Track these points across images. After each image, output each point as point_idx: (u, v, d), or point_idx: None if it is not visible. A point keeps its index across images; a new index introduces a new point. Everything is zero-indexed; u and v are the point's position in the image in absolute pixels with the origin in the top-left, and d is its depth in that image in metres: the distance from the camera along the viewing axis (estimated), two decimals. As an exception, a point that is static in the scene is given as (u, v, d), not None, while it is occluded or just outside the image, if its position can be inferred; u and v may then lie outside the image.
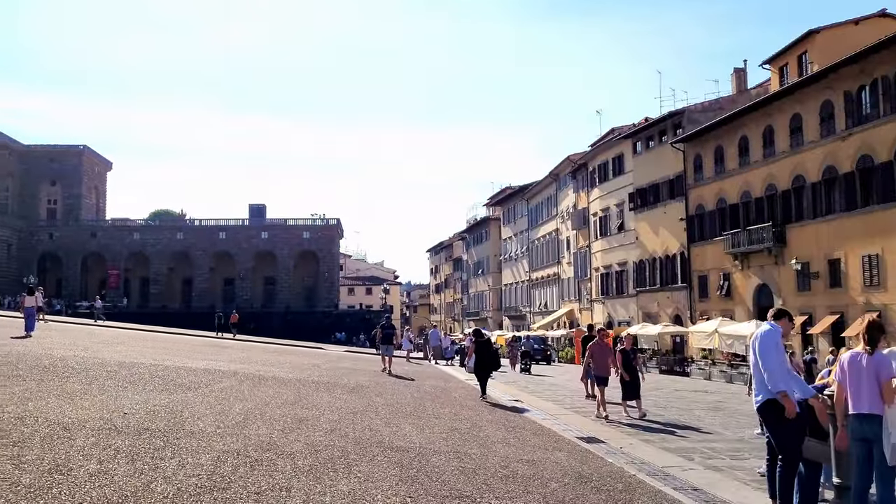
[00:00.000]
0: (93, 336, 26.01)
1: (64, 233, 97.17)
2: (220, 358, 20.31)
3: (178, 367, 15.40)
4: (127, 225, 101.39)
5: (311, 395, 12.92)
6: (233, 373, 15.63)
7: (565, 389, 21.17)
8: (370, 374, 21.18)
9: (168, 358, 18.04)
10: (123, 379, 11.97)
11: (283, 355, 26.20)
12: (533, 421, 12.03)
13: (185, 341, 29.02)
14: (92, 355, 16.42)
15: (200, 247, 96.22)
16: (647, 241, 48.61)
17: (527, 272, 75.08)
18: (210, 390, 11.75)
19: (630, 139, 51.35)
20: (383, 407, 12.06)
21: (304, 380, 15.98)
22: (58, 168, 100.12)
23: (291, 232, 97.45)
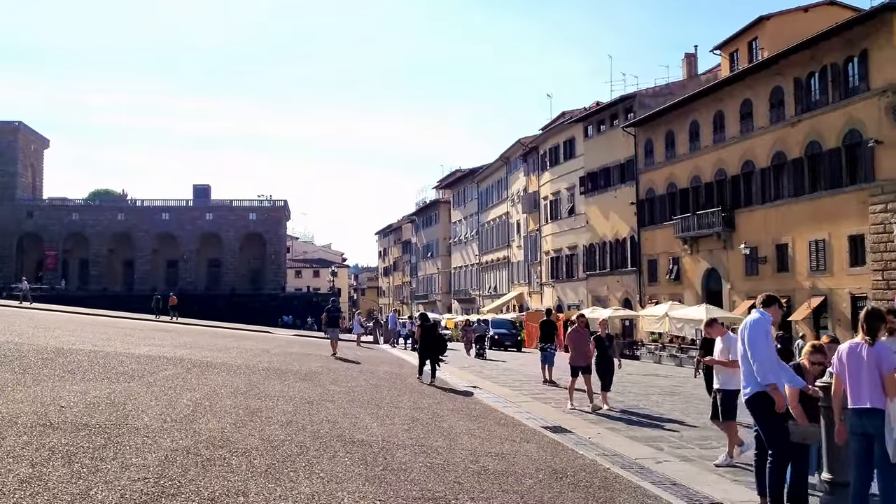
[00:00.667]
0: (29, 320, 24.83)
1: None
2: (163, 343, 19.48)
3: (119, 354, 14.61)
4: (65, 205, 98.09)
5: (263, 383, 12.34)
6: (178, 359, 14.91)
7: (520, 375, 20.94)
8: (321, 359, 20.59)
9: (108, 344, 17.18)
10: (60, 367, 11.21)
11: (230, 339, 25.39)
12: (495, 409, 11.67)
13: (126, 325, 27.92)
14: (27, 341, 15.51)
15: (142, 228, 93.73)
16: (598, 224, 48.79)
17: (476, 255, 74.96)
18: (154, 379, 11.08)
19: (581, 123, 51.34)
20: (339, 395, 11.56)
21: (253, 366, 15.34)
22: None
23: (237, 213, 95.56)
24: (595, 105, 51.77)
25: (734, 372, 8.42)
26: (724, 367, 8.53)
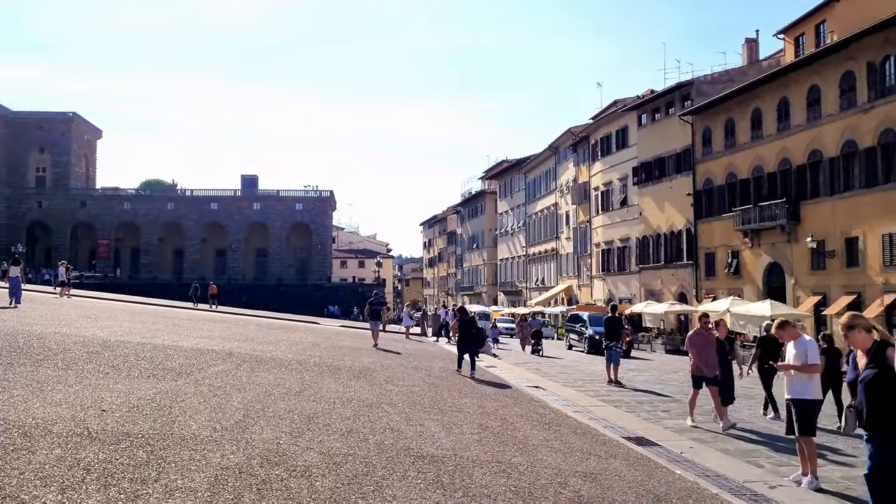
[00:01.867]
0: (80, 309, 24.60)
1: (53, 201, 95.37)
2: (213, 335, 18.95)
3: (167, 347, 14.04)
4: (117, 194, 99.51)
5: (317, 381, 11.61)
6: (228, 354, 14.29)
7: (581, 373, 19.95)
8: (372, 353, 19.91)
9: (157, 335, 16.67)
10: (106, 362, 10.60)
11: (279, 332, 24.85)
12: (566, 415, 10.76)
13: (173, 315, 27.61)
14: (75, 332, 15.04)
15: (192, 217, 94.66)
16: (652, 216, 47.32)
17: (523, 247, 73.82)
18: (203, 376, 10.41)
19: (635, 111, 49.84)
20: (398, 397, 10.76)
21: (305, 362, 14.66)
22: (46, 135, 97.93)
23: (284, 203, 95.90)
24: (649, 93, 50.18)
25: (810, 378, 7.65)
26: (798, 373, 7.52)
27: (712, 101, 40.28)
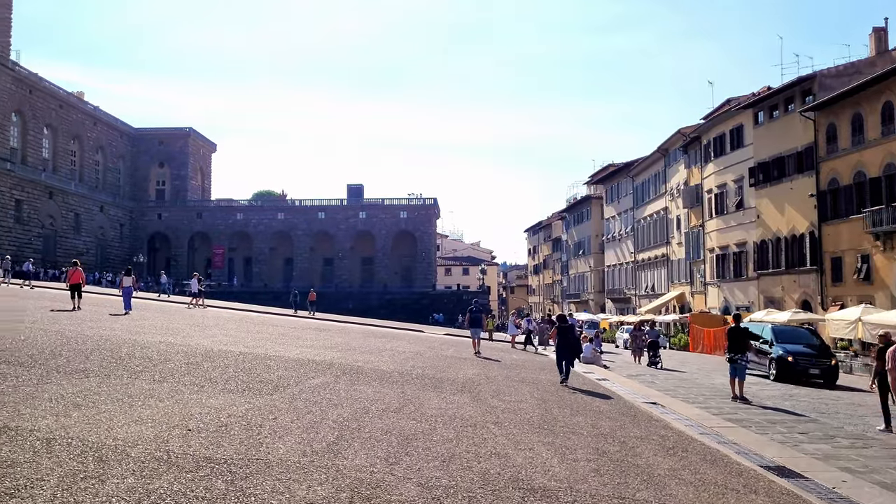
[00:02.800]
0: (190, 318, 25.05)
1: (172, 213, 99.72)
2: (315, 344, 18.71)
3: (268, 358, 13.76)
4: (231, 205, 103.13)
5: (418, 395, 10.97)
6: (328, 364, 13.88)
7: (700, 387, 18.55)
8: (477, 364, 19.18)
9: (260, 345, 16.51)
10: (203, 375, 10.30)
11: (382, 340, 24.52)
12: (692, 438, 9.67)
13: (280, 323, 27.76)
14: (180, 341, 15.03)
15: (301, 227, 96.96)
16: (770, 219, 44.62)
17: (632, 253, 71.52)
18: (300, 390, 9.93)
19: (751, 109, 47.20)
20: (505, 415, 9.96)
21: (407, 373, 14.07)
22: (165, 150, 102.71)
23: (389, 212, 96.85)
24: (766, 90, 47.43)
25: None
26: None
27: (837, 96, 37.54)
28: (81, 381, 8.46)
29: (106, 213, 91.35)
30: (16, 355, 10.01)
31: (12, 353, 10.15)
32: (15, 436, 5.60)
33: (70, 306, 22.34)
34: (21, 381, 8.03)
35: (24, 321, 15.63)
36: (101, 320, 18.93)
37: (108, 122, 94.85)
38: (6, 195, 70.95)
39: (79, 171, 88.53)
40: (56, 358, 10.23)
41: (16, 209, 72.83)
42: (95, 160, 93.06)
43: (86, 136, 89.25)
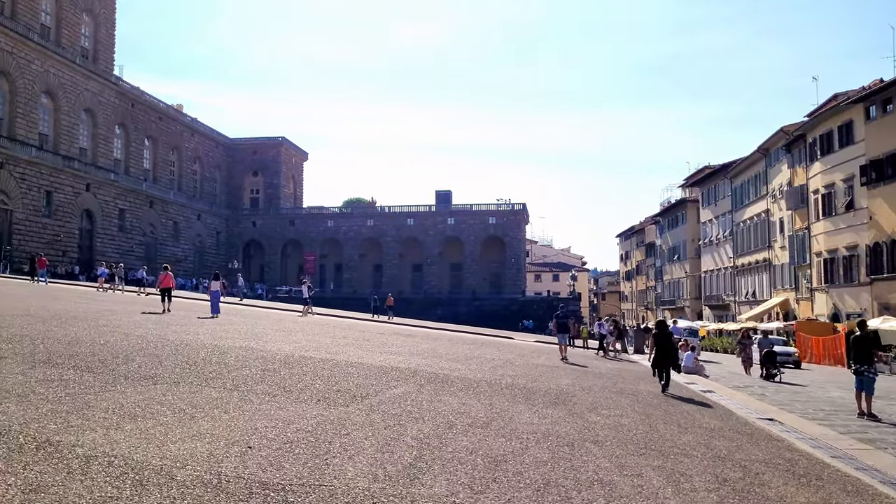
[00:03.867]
0: (278, 322, 24.84)
1: (265, 220, 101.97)
2: (401, 350, 18.01)
3: (349, 364, 13.10)
4: (322, 212, 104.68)
5: (508, 408, 10.03)
6: (412, 372, 13.11)
7: (818, 401, 16.87)
8: (570, 372, 18.08)
9: (342, 350, 15.92)
10: (278, 383, 9.66)
11: (470, 347, 23.67)
12: (823, 462, 8.38)
13: (366, 328, 27.30)
14: (261, 346, 14.56)
15: (389, 233, 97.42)
16: (885, 220, 41.53)
17: (730, 258, 68.44)
18: (379, 401, 9.16)
19: (861, 104, 44.14)
20: (605, 432, 8.91)
21: (495, 382, 13.15)
22: (259, 159, 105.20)
23: (477, 217, 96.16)
24: (878, 82, 44.32)
25: None
26: None
27: (962, 85, 34.60)
28: (147, 389, 7.91)
29: (203, 221, 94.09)
30: (88, 360, 9.62)
31: (85, 358, 9.77)
32: (53, 452, 5.00)
33: (160, 309, 22.81)
34: (83, 388, 7.53)
35: (109, 325, 15.51)
36: (187, 324, 18.78)
37: (205, 133, 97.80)
38: (111, 204, 73.78)
39: (177, 180, 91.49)
40: (128, 363, 9.80)
41: (119, 218, 75.66)
42: (193, 170, 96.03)
43: (184, 146, 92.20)
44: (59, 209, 65.45)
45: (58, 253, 64.47)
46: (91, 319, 16.62)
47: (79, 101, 70.28)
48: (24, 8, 62.85)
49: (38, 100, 64.91)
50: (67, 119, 68.81)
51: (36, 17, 64.77)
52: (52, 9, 67.59)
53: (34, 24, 64.19)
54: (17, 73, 61.51)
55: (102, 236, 72.53)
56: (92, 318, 16.86)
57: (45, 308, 18.69)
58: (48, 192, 64.09)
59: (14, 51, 61.00)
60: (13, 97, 61.82)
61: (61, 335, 12.43)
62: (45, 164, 63.39)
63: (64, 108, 68.09)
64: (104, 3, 74.58)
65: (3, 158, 58.29)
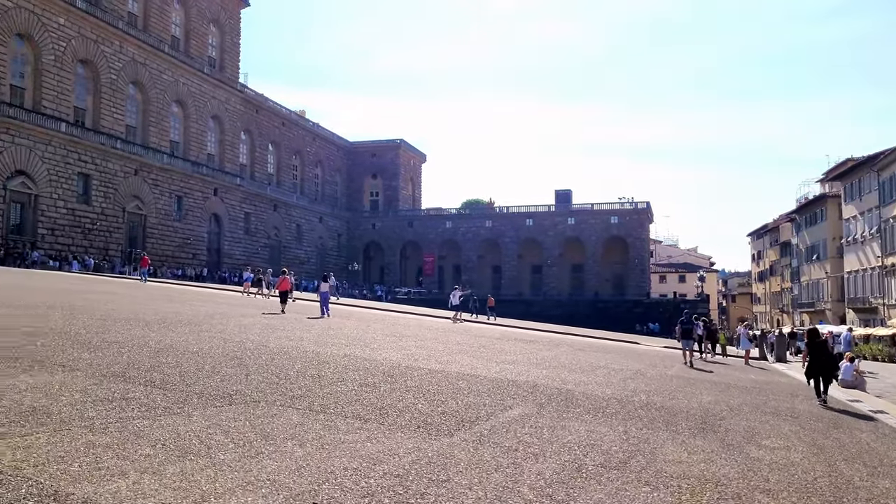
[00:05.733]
0: (391, 326, 23.83)
1: (385, 222, 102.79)
2: (518, 359, 16.46)
3: (461, 377, 11.68)
4: (440, 214, 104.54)
5: (647, 437, 8.31)
6: (531, 387, 11.54)
7: None
8: (712, 387, 15.97)
9: (454, 359, 14.54)
10: (374, 403, 8.34)
11: (594, 354, 21.81)
12: None
13: (481, 332, 25.86)
14: (366, 355, 13.39)
15: (508, 234, 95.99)
16: None
17: (878, 257, 62.75)
18: (491, 428, 7.66)
19: None
20: (774, 475, 7.05)
21: (627, 401, 11.39)
22: (378, 162, 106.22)
23: (598, 217, 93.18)
24: None
25: None
26: None
27: None
28: (217, 413, 6.74)
29: (325, 224, 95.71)
30: (166, 373, 8.63)
31: (164, 371, 8.79)
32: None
33: (278, 311, 23.48)
34: (143, 410, 6.44)
35: (213, 330, 14.78)
36: (295, 328, 17.96)
37: (326, 137, 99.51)
38: (237, 208, 75.90)
39: (300, 184, 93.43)
40: (210, 377, 8.74)
41: (245, 221, 77.77)
42: (315, 174, 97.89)
43: (306, 150, 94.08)
44: (188, 213, 67.77)
45: (188, 256, 66.77)
46: (196, 323, 15.99)
47: (207, 109, 72.64)
48: (156, 21, 65.41)
49: (169, 108, 67.43)
50: (196, 126, 71.22)
51: (167, 30, 67.31)
52: (182, 20, 70.11)
53: (165, 36, 66.72)
54: (149, 83, 64.06)
55: (229, 239, 74.70)
56: (198, 322, 16.24)
57: (155, 311, 18.32)
58: (179, 196, 66.44)
59: (147, 62, 63.54)
60: (146, 106, 64.43)
61: (155, 342, 11.65)
62: (175, 170, 65.75)
63: (193, 115, 70.50)
64: (230, 14, 76.90)
65: (137, 165, 60.76)
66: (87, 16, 56.31)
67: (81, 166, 54.68)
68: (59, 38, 53.84)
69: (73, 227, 53.66)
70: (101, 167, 56.64)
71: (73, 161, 53.90)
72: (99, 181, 56.46)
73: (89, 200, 55.55)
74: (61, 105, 54.16)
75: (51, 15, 53.07)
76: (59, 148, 52.50)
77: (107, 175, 57.19)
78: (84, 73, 57.62)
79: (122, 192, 58.74)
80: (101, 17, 57.70)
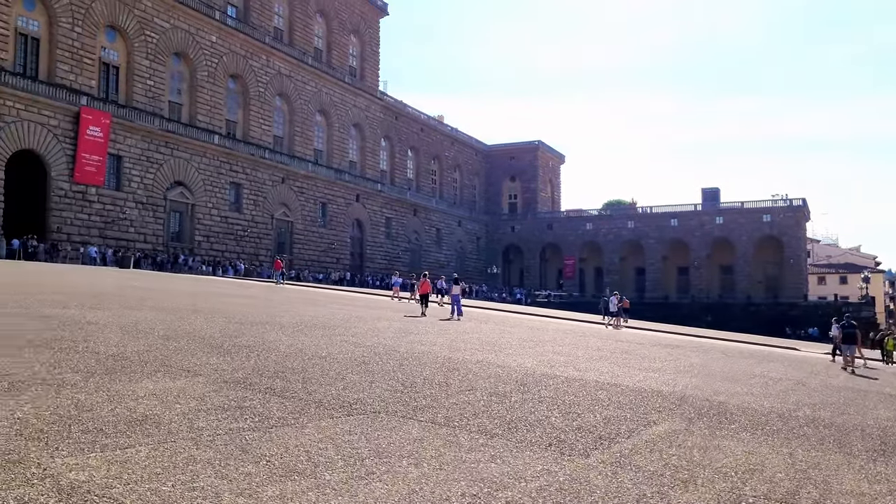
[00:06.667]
0: (533, 332, 23.16)
1: (523, 225, 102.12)
2: (664, 367, 15.33)
3: (601, 386, 10.84)
4: (580, 215, 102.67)
5: (817, 461, 7.18)
6: (679, 398, 10.53)
7: None
8: (884, 398, 14.22)
9: (595, 366, 13.66)
10: (503, 416, 7.70)
11: (748, 361, 20.18)
12: None
13: (629, 338, 24.63)
14: (500, 361, 12.79)
15: (651, 235, 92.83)
16: None
17: None
18: (632, 447, 6.83)
19: None
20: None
21: (789, 415, 10.15)
22: (516, 164, 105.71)
23: (749, 216, 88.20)
24: None
25: None
26: None
27: None
28: (334, 424, 6.32)
29: (463, 227, 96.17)
30: (289, 380, 8.37)
31: (287, 377, 8.54)
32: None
33: (418, 314, 24.48)
34: (257, 421, 6.11)
35: (347, 334, 14.65)
36: (430, 332, 17.65)
37: (464, 141, 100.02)
38: (378, 214, 77.49)
39: (438, 188, 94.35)
40: (333, 384, 8.40)
41: (386, 226, 79.29)
42: (453, 178, 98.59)
43: (444, 155, 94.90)
44: (332, 219, 69.81)
45: (332, 260, 68.77)
46: (332, 327, 15.94)
47: (348, 117, 74.65)
48: (299, 35, 67.88)
49: (313, 118, 69.78)
50: (338, 134, 73.33)
51: (310, 42, 69.72)
52: (324, 32, 72.44)
53: (308, 48, 69.12)
54: (294, 94, 66.54)
55: (371, 244, 76.37)
56: (333, 326, 16.20)
57: (293, 314, 18.53)
58: (323, 203, 68.58)
59: (292, 74, 66.03)
60: (291, 117, 66.97)
61: (286, 346, 11.54)
62: (319, 177, 67.93)
63: (335, 124, 72.64)
64: (369, 23, 78.73)
65: (284, 174, 63.21)
66: (236, 32, 59.18)
67: (233, 176, 57.45)
68: (211, 55, 56.85)
69: (227, 234, 56.43)
70: (251, 176, 59.30)
71: (226, 171, 56.71)
72: (249, 190, 59.13)
73: (240, 208, 58.28)
74: (214, 118, 57.14)
75: (204, 34, 56.10)
76: (212, 159, 55.38)
77: (256, 184, 59.81)
78: (234, 87, 60.59)
79: (270, 199, 61.25)
80: (249, 34, 60.50)
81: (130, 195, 48.76)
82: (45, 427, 5.07)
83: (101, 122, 46.27)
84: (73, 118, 44.97)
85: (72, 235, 44.68)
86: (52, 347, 8.84)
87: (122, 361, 8.41)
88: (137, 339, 10.38)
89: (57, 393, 6.24)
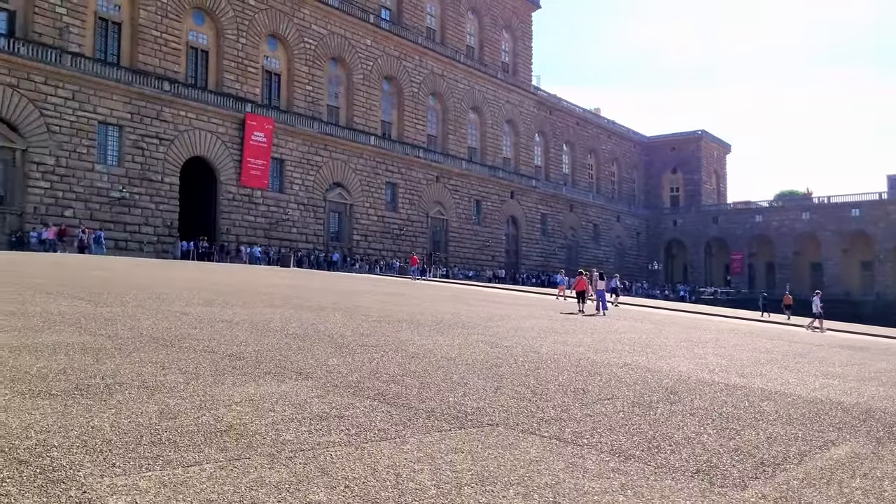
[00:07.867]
0: (687, 330, 21.53)
1: (686, 219, 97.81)
2: (846, 372, 13.40)
3: (766, 395, 9.40)
4: (748, 207, 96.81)
5: None
6: (863, 412, 8.90)
7: None
8: None
9: (762, 371, 12.10)
10: (643, 432, 6.62)
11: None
12: None
13: (803, 339, 22.27)
14: (649, 364, 11.59)
15: (829, 227, 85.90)
16: None
17: None
18: (805, 475, 5.56)
19: None
20: None
21: None
22: (677, 156, 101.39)
23: (946, 203, 79.60)
24: None
25: None
26: None
27: None
28: (440, 438, 5.53)
29: (622, 223, 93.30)
30: (405, 384, 7.71)
31: (405, 382, 7.88)
32: None
33: (576, 310, 24.56)
34: (354, 432, 5.44)
35: (485, 334, 13.92)
36: (576, 331, 16.62)
37: (622, 134, 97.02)
38: (533, 210, 76.53)
39: (595, 183, 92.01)
40: (453, 390, 7.64)
41: (541, 222, 78.16)
42: (611, 171, 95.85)
43: (601, 149, 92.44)
44: (486, 216, 69.59)
45: (487, 258, 68.53)
46: (471, 326, 15.27)
47: (501, 114, 74.17)
48: (451, 33, 68.12)
49: (466, 116, 69.85)
50: (491, 131, 73.00)
51: (462, 40, 69.82)
52: (476, 30, 72.35)
53: (460, 46, 69.23)
54: (447, 93, 66.87)
55: (526, 240, 75.53)
56: (472, 325, 15.52)
57: (434, 312, 18.07)
58: (477, 201, 68.50)
59: (444, 73, 66.37)
60: (444, 115, 67.34)
61: (416, 346, 10.95)
62: (473, 175, 67.90)
63: (488, 121, 72.36)
64: (521, 18, 77.87)
65: (438, 172, 63.65)
66: (390, 35, 60.18)
67: (389, 176, 58.48)
68: (366, 58, 58.12)
69: (384, 234, 57.53)
70: (406, 175, 60.13)
71: (382, 171, 57.81)
72: (405, 189, 60.00)
73: (396, 207, 59.24)
74: (370, 120, 58.39)
75: (359, 38, 57.44)
76: (369, 160, 56.61)
77: (411, 183, 60.59)
78: (389, 88, 61.67)
79: (425, 198, 61.87)
80: (402, 35, 61.36)
81: (292, 197, 50.70)
82: (115, 438, 4.62)
83: (264, 128, 48.39)
84: (238, 125, 47.29)
85: (239, 236, 46.99)
86: (173, 346, 8.67)
87: (236, 361, 8.07)
88: (263, 338, 10.11)
89: (148, 397, 5.86)
